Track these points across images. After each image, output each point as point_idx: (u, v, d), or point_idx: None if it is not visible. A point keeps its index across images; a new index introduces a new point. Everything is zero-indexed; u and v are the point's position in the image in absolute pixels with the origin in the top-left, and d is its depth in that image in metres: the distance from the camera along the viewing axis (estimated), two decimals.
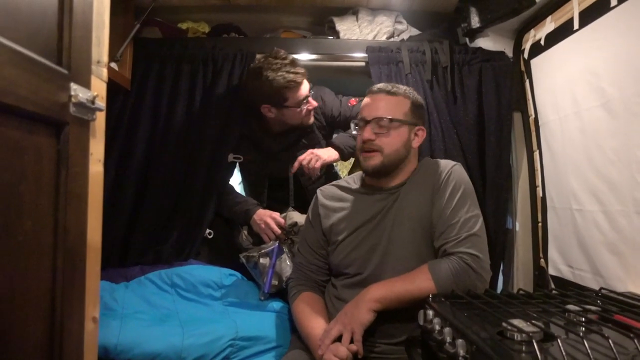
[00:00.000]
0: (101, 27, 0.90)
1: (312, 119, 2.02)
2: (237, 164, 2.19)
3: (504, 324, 0.98)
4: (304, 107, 1.94)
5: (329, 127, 2.16)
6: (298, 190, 2.07)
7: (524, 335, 0.92)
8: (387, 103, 1.50)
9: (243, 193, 2.33)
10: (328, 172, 2.20)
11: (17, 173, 0.65)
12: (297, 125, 2.01)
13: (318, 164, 1.92)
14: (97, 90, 0.85)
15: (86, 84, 0.80)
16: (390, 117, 1.48)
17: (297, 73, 1.85)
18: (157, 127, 2.01)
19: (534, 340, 0.87)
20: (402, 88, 1.55)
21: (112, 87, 1.88)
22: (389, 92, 1.52)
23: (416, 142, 1.54)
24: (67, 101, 0.74)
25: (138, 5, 2.01)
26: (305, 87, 1.91)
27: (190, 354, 1.46)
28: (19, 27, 0.65)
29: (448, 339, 1.04)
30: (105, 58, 0.92)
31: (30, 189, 0.67)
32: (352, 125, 1.60)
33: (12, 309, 0.64)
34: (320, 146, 2.06)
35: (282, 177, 2.07)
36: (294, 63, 1.87)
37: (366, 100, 1.55)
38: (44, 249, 0.71)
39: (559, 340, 0.85)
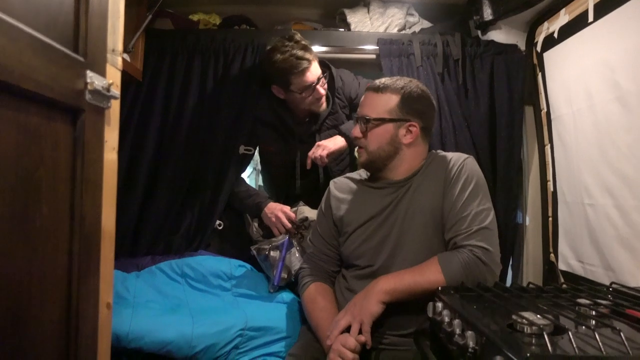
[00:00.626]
0: (116, 15, 0.90)
1: (322, 107, 1.99)
2: (259, 156, 2.19)
3: (514, 317, 0.97)
4: (308, 94, 1.91)
5: (349, 108, 2.14)
6: (326, 176, 2.06)
7: (534, 327, 0.92)
8: (371, 101, 1.53)
9: (254, 184, 2.34)
10: (351, 156, 2.20)
11: (36, 159, 0.66)
12: (313, 111, 2.00)
13: (324, 153, 1.91)
14: (112, 78, 0.86)
15: (102, 72, 0.81)
16: (368, 116, 1.50)
17: (302, 59, 1.82)
18: (169, 118, 2.02)
19: (544, 333, 0.87)
20: (397, 83, 1.53)
21: (124, 78, 1.88)
22: (376, 90, 1.53)
23: (408, 138, 1.51)
24: (83, 88, 0.75)
25: None
26: (311, 75, 1.87)
27: (200, 342, 1.48)
28: (38, 14, 0.66)
29: (457, 331, 1.04)
30: (120, 46, 0.93)
31: (47, 175, 0.68)
32: (352, 120, 1.61)
33: (29, 292, 0.65)
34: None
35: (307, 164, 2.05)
36: (304, 48, 1.85)
37: (362, 97, 1.59)
38: (60, 234, 0.72)
39: (569, 333, 0.85)
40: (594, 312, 1.02)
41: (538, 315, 0.96)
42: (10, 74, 0.58)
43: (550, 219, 1.90)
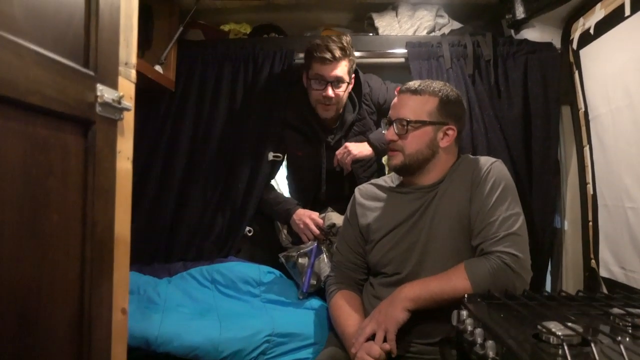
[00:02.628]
0: (129, 29, 0.94)
1: (330, 114, 1.97)
2: (286, 161, 2.21)
3: (539, 327, 0.94)
4: (318, 86, 1.89)
5: (377, 114, 2.12)
6: (351, 183, 2.05)
7: (559, 338, 0.87)
8: (410, 103, 1.48)
9: (287, 190, 2.36)
10: (378, 163, 2.20)
11: (44, 169, 0.69)
12: (319, 114, 1.98)
13: (348, 159, 1.91)
14: (124, 90, 0.88)
15: (113, 85, 0.84)
16: (409, 118, 1.46)
17: (330, 51, 1.82)
18: (200, 126, 2.07)
19: (565, 344, 0.83)
20: (432, 85, 1.50)
21: (158, 88, 1.96)
22: (414, 92, 1.49)
23: (445, 142, 1.48)
24: (93, 101, 0.78)
25: (182, 9, 2.08)
26: (328, 69, 1.84)
27: (227, 347, 1.50)
28: (45, 31, 0.69)
29: (479, 340, 1.00)
30: (133, 59, 0.96)
31: (57, 184, 0.71)
32: (382, 124, 1.58)
33: (39, 296, 0.68)
34: (371, 132, 2.04)
35: (334, 169, 2.04)
36: (342, 48, 1.84)
37: (394, 99, 1.54)
38: (71, 240, 0.75)
39: (596, 345, 0.81)
40: (628, 323, 0.96)
41: (564, 326, 0.91)
42: (15, 89, 0.61)
43: (590, 223, 1.81)
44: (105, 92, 0.80)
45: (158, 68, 1.93)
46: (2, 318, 0.61)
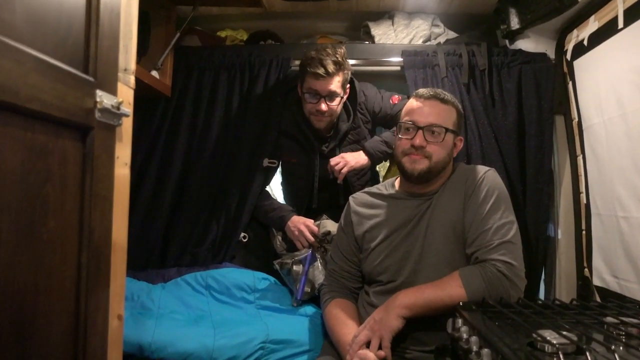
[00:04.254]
0: (129, 36, 0.94)
1: (323, 125, 1.97)
2: (281, 168, 2.21)
3: (534, 335, 0.94)
4: (312, 99, 1.89)
5: (372, 123, 2.12)
6: (346, 190, 2.05)
7: (554, 347, 0.88)
8: (440, 111, 1.48)
9: (282, 196, 2.36)
10: (372, 171, 2.21)
11: (42, 175, 0.69)
12: (313, 124, 1.99)
13: (345, 170, 1.92)
14: (123, 97, 0.88)
15: (112, 91, 0.84)
16: (445, 126, 1.46)
17: (324, 66, 1.81)
18: (196, 132, 2.08)
19: (560, 353, 0.84)
20: (449, 95, 1.54)
21: (154, 94, 1.96)
22: (442, 100, 1.50)
23: (455, 152, 1.54)
24: (92, 107, 0.78)
25: (180, 15, 2.09)
26: (321, 84, 1.84)
27: (221, 354, 1.49)
28: (46, 37, 0.69)
29: (474, 348, 1.01)
30: (132, 66, 0.96)
31: (55, 190, 0.71)
32: (398, 128, 1.53)
33: (36, 301, 0.68)
34: (366, 140, 2.05)
35: (328, 177, 2.04)
36: (336, 63, 1.83)
37: (416, 104, 1.50)
38: (68, 247, 0.75)
39: (588, 354, 0.81)
40: (622, 333, 0.97)
41: (558, 334, 0.92)
42: (15, 94, 0.61)
43: (583, 232, 1.82)
44: (104, 98, 0.80)
45: (154, 73, 1.93)
46: None
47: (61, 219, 0.72)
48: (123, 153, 0.92)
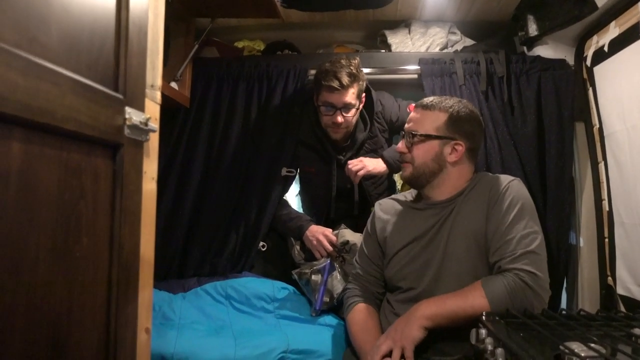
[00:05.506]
0: (155, 53, 0.95)
1: (340, 136, 1.99)
2: (299, 177, 2.22)
3: (561, 347, 0.93)
4: (327, 112, 1.91)
5: (389, 131, 2.14)
6: (362, 200, 2.07)
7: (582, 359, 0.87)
8: (420, 118, 1.53)
9: (299, 205, 2.36)
10: (389, 180, 2.22)
11: (77, 193, 0.70)
12: (330, 135, 2.01)
13: (361, 173, 1.92)
14: (150, 112, 0.90)
15: (140, 107, 0.85)
16: (415, 131, 1.50)
17: (338, 79, 1.82)
18: (215, 142, 2.09)
19: None
20: (445, 102, 1.52)
21: (173, 105, 1.99)
22: (425, 107, 1.53)
23: (453, 157, 1.49)
24: (122, 124, 0.79)
25: (198, 27, 2.12)
26: (336, 97, 1.86)
27: None
28: (80, 58, 0.71)
29: None
30: (159, 82, 0.97)
31: (88, 207, 0.72)
32: (400, 136, 1.60)
33: (70, 320, 0.69)
34: (383, 149, 2.06)
35: (346, 187, 2.06)
36: (350, 75, 1.84)
37: (411, 113, 1.59)
38: (99, 264, 0.76)
39: None
40: None
41: (586, 347, 0.91)
42: (52, 116, 0.63)
43: (606, 240, 1.80)
44: (133, 115, 0.81)
45: (173, 85, 1.95)
46: (36, 344, 0.62)
47: (93, 235, 0.74)
48: (150, 168, 0.93)
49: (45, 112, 0.61)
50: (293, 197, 2.84)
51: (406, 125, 1.55)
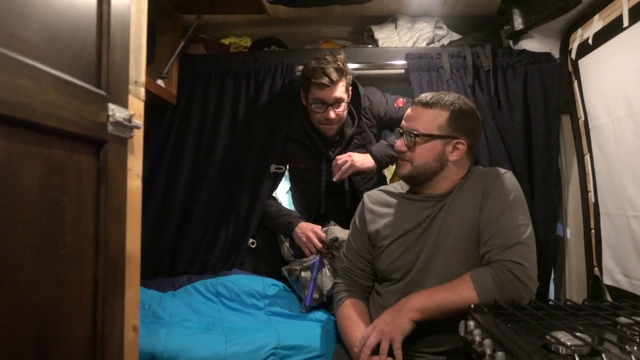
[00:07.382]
0: (139, 49, 0.95)
1: (331, 131, 1.99)
2: (289, 173, 2.21)
3: (548, 337, 0.94)
4: (319, 109, 1.92)
5: (377, 126, 2.14)
6: (353, 195, 2.07)
7: (569, 349, 0.88)
8: (421, 116, 1.49)
9: (290, 202, 2.36)
10: (379, 175, 2.22)
11: (59, 190, 0.69)
12: (321, 131, 2.01)
13: (349, 171, 1.93)
14: (134, 109, 0.89)
15: (124, 104, 0.85)
16: (418, 131, 1.47)
17: (327, 75, 1.83)
18: (203, 139, 2.08)
19: (576, 355, 0.84)
20: (445, 99, 1.50)
21: (160, 103, 1.97)
22: (425, 105, 1.50)
23: (455, 156, 1.48)
24: (105, 121, 0.79)
25: (184, 24, 2.10)
26: (327, 93, 1.87)
27: None
28: (62, 54, 0.70)
29: (488, 351, 1.01)
30: (142, 78, 0.97)
31: (71, 204, 0.72)
32: (395, 133, 1.58)
33: (56, 316, 0.69)
34: (372, 145, 2.06)
35: (335, 182, 2.05)
36: (338, 70, 1.85)
37: (407, 110, 1.55)
38: (85, 260, 0.75)
39: (603, 355, 0.81)
40: (635, 332, 0.97)
41: (573, 336, 0.92)
42: (32, 112, 0.62)
43: (592, 231, 1.82)
44: (116, 112, 0.80)
45: (160, 82, 1.94)
46: (22, 341, 0.61)
47: (78, 233, 0.73)
48: (135, 165, 0.92)
49: (25, 108, 0.60)
50: (283, 194, 2.84)
51: (405, 123, 1.52)
